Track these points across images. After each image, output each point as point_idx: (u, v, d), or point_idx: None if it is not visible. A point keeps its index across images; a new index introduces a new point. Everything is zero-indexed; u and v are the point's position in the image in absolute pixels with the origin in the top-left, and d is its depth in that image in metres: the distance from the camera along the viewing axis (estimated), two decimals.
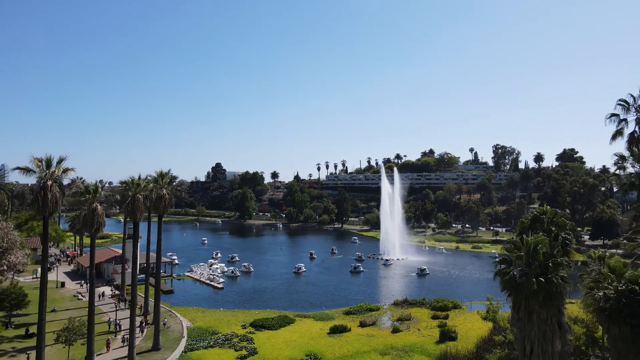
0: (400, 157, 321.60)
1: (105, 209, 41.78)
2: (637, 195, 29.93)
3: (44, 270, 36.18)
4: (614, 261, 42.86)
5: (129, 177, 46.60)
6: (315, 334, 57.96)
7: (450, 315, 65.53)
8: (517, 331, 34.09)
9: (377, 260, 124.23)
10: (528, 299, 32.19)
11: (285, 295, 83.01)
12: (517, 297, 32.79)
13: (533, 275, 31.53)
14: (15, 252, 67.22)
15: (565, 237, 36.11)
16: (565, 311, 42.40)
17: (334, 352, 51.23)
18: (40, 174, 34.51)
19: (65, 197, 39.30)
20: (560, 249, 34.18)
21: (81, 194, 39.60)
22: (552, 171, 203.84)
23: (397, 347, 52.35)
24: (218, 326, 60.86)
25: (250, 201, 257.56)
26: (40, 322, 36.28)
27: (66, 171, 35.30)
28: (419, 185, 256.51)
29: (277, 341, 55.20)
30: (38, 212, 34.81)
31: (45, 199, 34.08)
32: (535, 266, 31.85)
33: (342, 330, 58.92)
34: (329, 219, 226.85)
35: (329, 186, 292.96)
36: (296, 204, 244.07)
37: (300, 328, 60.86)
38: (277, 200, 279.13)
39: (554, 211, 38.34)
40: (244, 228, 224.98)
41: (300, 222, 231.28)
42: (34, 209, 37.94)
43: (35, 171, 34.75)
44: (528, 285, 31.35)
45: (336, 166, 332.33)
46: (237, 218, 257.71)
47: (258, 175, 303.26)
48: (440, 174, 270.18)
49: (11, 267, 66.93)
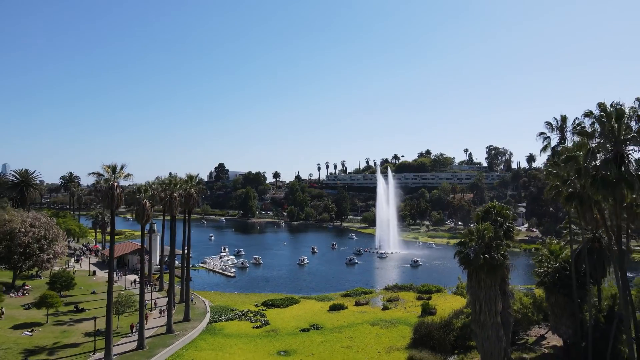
0: (398, 158, 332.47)
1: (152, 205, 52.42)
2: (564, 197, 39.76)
3: (112, 252, 47.01)
4: (554, 246, 53.92)
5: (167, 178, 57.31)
6: (317, 311, 68.90)
7: (432, 297, 76.19)
8: (470, 295, 44.89)
9: (373, 254, 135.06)
10: (477, 271, 42.87)
11: (290, 282, 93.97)
12: (470, 269, 43.49)
13: (480, 253, 42.33)
14: (59, 242, 78.58)
15: (508, 225, 46.80)
16: (519, 288, 53.40)
17: (332, 324, 62.10)
18: (109, 177, 45.27)
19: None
20: (503, 234, 44.97)
21: (134, 193, 50.39)
22: (537, 172, 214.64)
23: (385, 320, 63.20)
24: (234, 305, 71.77)
25: (254, 200, 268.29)
26: (109, 299, 47.00)
27: (127, 176, 46.03)
28: (415, 184, 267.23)
29: (285, 316, 66.13)
30: (107, 206, 45.62)
31: (112, 196, 44.84)
32: (482, 246, 42.62)
33: (340, 308, 69.82)
34: (328, 217, 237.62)
35: (329, 186, 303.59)
36: (297, 202, 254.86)
37: (304, 306, 71.81)
38: (279, 200, 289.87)
39: (501, 206, 49.15)
40: (247, 226, 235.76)
41: (302, 220, 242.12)
42: (104, 203, 48.65)
43: (105, 175, 45.51)
44: (476, 261, 42.07)
45: (336, 166, 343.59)
46: (240, 216, 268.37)
47: (260, 175, 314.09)
48: (436, 174, 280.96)
49: (56, 256, 78.25)
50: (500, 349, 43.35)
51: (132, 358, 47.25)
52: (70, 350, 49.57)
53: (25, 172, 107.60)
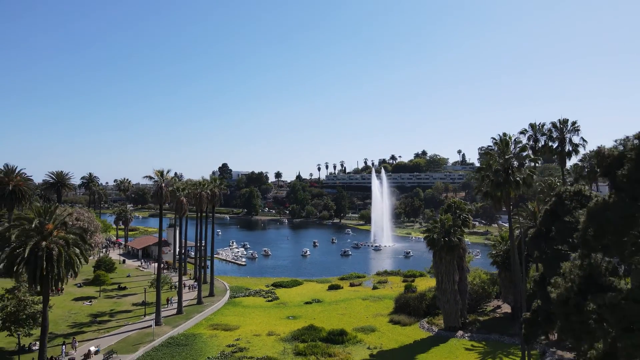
0: (395, 158, 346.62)
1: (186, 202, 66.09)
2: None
3: (160, 240, 60.72)
4: (504, 232, 67.67)
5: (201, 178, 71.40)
6: (318, 290, 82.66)
7: (415, 280, 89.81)
8: (435, 269, 58.70)
9: (368, 247, 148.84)
10: (440, 250, 56.68)
11: (295, 269, 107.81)
12: (434, 249, 57.30)
13: (441, 237, 56.10)
14: (97, 234, 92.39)
15: (465, 216, 60.47)
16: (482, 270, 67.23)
17: (330, 299, 75.81)
18: (159, 180, 58.99)
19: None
20: (461, 223, 58.65)
21: (174, 191, 63.99)
22: None
23: (374, 296, 76.90)
24: (248, 286, 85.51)
25: (257, 199, 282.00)
26: (158, 277, 60.74)
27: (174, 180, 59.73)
28: (411, 184, 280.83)
29: (292, 293, 79.90)
30: (156, 202, 59.28)
31: (161, 195, 58.58)
32: (443, 231, 56.43)
33: (337, 288, 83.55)
34: (328, 214, 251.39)
35: (329, 185, 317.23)
36: (299, 201, 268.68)
37: (307, 287, 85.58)
38: (281, 198, 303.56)
39: (460, 201, 63.03)
40: (251, 223, 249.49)
41: (303, 218, 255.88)
42: (154, 201, 62.28)
43: (155, 178, 59.23)
44: (439, 242, 55.93)
45: (335, 166, 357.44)
46: (244, 214, 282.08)
47: (263, 175, 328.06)
48: (430, 174, 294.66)
49: (96, 245, 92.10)
50: (457, 309, 57.38)
51: (175, 320, 60.92)
52: (124, 314, 63.37)
53: (60, 173, 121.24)
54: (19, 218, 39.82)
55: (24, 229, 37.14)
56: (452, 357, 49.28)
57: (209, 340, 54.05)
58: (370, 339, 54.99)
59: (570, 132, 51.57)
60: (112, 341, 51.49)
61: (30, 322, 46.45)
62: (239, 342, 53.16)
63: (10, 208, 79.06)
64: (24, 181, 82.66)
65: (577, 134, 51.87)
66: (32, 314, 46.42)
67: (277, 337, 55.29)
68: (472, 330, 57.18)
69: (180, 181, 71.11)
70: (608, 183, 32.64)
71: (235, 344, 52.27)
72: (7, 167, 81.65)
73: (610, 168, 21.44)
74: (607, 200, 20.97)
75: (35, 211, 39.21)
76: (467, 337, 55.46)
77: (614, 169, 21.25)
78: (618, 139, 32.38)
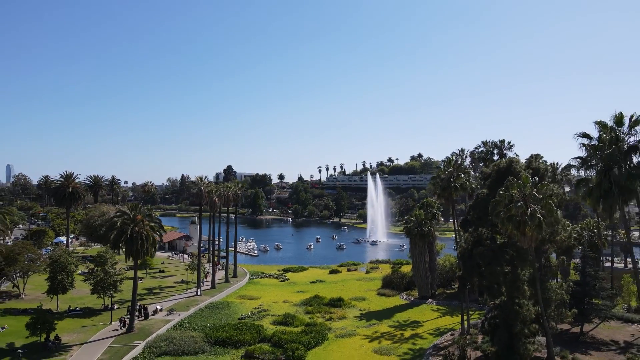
0: (392, 161, 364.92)
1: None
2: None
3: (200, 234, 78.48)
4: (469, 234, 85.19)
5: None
6: (321, 274, 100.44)
7: (402, 267, 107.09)
8: (410, 252, 76.39)
9: (366, 242, 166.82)
10: (414, 237, 74.32)
11: (301, 259, 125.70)
12: (410, 236, 74.93)
13: (415, 227, 73.79)
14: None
15: (434, 212, 78.02)
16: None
17: (331, 280, 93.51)
18: (198, 184, 76.70)
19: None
20: (431, 217, 76.28)
21: (209, 192, 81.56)
22: None
23: (367, 278, 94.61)
24: (263, 271, 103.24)
25: (261, 199, 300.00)
26: (199, 261, 78.38)
27: (210, 184, 77.43)
28: (406, 185, 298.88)
29: (299, 276, 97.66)
30: (197, 203, 76.96)
31: (201, 195, 76.36)
32: (417, 223, 74.13)
33: (336, 272, 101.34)
34: (328, 214, 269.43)
35: (329, 186, 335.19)
36: (301, 201, 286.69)
37: (311, 272, 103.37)
38: (284, 199, 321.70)
39: (431, 200, 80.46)
40: (256, 222, 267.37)
41: (305, 217, 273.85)
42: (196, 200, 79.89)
43: (196, 182, 76.97)
44: (413, 231, 73.64)
45: (335, 169, 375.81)
46: (249, 214, 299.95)
47: (266, 177, 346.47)
48: (424, 175, 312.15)
49: None
50: (428, 283, 75.12)
51: (211, 292, 78.51)
52: (170, 289, 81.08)
53: (96, 177, 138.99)
54: (120, 211, 57.43)
55: (124, 219, 54.77)
56: (421, 314, 66.95)
57: (239, 305, 71.73)
58: (361, 304, 72.60)
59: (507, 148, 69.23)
60: (169, 304, 69.13)
61: (112, 288, 64.01)
62: (262, 306, 70.77)
63: (69, 206, 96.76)
64: (78, 184, 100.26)
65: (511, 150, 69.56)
66: (113, 282, 63.96)
67: (291, 303, 72.90)
68: (440, 299, 74.76)
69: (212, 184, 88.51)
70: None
71: (259, 307, 69.89)
72: (66, 173, 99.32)
73: (486, 179, 39.04)
74: (482, 196, 38.33)
75: (129, 207, 56.80)
76: (435, 303, 73.05)
77: (488, 179, 38.86)
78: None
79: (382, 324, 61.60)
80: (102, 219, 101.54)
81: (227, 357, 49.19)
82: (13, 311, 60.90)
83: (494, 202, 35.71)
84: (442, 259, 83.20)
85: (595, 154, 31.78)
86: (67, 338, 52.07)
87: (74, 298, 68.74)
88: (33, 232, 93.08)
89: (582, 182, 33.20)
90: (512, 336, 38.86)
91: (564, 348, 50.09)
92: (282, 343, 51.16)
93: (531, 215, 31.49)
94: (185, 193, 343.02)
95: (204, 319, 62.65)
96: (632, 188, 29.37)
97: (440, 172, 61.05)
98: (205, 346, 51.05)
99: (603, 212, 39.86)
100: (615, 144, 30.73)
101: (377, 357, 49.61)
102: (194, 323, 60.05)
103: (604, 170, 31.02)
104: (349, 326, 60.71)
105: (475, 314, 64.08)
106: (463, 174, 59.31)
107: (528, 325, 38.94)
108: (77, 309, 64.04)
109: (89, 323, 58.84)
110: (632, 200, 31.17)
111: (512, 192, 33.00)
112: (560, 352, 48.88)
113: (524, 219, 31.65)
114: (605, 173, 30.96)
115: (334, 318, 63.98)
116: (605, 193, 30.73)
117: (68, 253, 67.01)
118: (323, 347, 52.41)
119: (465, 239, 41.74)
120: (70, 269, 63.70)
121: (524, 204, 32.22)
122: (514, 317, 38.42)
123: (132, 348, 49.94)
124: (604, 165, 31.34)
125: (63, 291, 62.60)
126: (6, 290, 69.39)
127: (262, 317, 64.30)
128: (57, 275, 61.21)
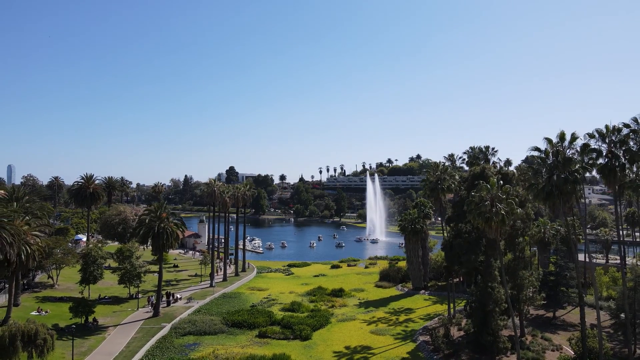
0: (391, 162, 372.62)
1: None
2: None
3: (215, 232, 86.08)
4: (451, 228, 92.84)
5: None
6: (323, 268, 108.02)
7: (399, 262, 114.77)
8: (405, 247, 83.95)
9: (365, 241, 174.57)
10: (408, 234, 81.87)
11: (304, 255, 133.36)
12: (405, 233, 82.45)
13: (409, 225, 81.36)
14: None
15: (427, 211, 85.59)
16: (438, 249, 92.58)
17: (332, 274, 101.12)
18: (212, 185, 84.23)
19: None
20: (423, 215, 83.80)
21: (221, 192, 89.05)
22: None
23: (365, 272, 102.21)
24: (269, 266, 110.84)
25: (264, 199, 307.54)
26: (212, 256, 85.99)
27: (222, 186, 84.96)
28: (405, 186, 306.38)
29: (303, 270, 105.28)
30: (210, 203, 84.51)
31: (214, 197, 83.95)
32: (411, 221, 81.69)
33: (337, 267, 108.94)
34: (329, 214, 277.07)
35: (329, 187, 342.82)
36: (302, 202, 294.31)
37: (314, 266, 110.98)
38: (285, 199, 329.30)
39: (423, 200, 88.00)
40: (259, 221, 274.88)
41: (306, 217, 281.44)
42: (208, 201, 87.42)
43: (209, 184, 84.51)
44: (407, 228, 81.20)
45: (335, 169, 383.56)
46: (252, 214, 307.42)
47: (268, 177, 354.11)
48: (422, 176, 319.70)
49: None
50: (421, 275, 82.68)
51: (223, 284, 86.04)
52: (185, 281, 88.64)
53: (110, 178, 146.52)
54: (147, 209, 64.99)
55: (151, 217, 62.34)
56: (414, 303, 74.58)
57: (250, 295, 79.31)
58: (360, 294, 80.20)
59: (491, 154, 76.74)
60: (187, 294, 76.70)
61: (137, 279, 71.47)
62: (271, 296, 78.32)
63: (89, 206, 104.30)
64: (98, 186, 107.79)
65: (494, 155, 77.22)
66: (138, 274, 71.43)
67: (296, 293, 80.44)
68: (432, 290, 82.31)
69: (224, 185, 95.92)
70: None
71: (268, 297, 77.46)
72: (86, 175, 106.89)
73: (465, 182, 46.62)
74: (462, 196, 45.82)
75: (154, 206, 64.36)
76: (427, 293, 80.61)
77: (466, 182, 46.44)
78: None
79: (378, 311, 69.34)
80: (119, 217, 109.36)
81: (243, 336, 56.85)
82: (50, 298, 68.42)
83: (468, 202, 43.22)
84: (435, 254, 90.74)
85: (542, 163, 39.42)
86: (102, 321, 59.63)
87: (102, 288, 76.23)
88: (57, 229, 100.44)
89: (532, 186, 40.71)
90: (486, 314, 46.44)
91: (536, 328, 57.96)
92: (290, 325, 58.85)
93: (496, 212, 38.99)
94: (188, 193, 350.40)
95: (220, 306, 70.33)
96: (567, 191, 36.92)
97: (429, 175, 68.88)
98: (224, 327, 58.78)
99: (549, 210, 47.54)
100: (556, 156, 38.39)
101: (374, 337, 57.38)
102: (211, 309, 67.81)
103: (548, 177, 38.56)
104: (349, 312, 68.41)
105: (462, 303, 71.63)
106: (449, 177, 67.03)
107: (499, 304, 46.49)
108: (107, 297, 71.60)
109: (119, 309, 66.47)
110: (570, 201, 38.72)
111: (482, 194, 40.51)
112: (532, 331, 56.72)
113: (490, 215, 39.12)
114: (549, 179, 38.48)
115: (335, 306, 71.57)
116: (547, 195, 38.23)
117: (99, 247, 74.53)
118: (327, 329, 60.14)
119: (448, 232, 49.60)
120: (100, 262, 71.24)
121: (491, 202, 39.72)
122: (487, 298, 46.00)
123: (160, 329, 57.58)
124: (547, 173, 38.90)
125: (94, 281, 70.16)
126: (41, 281, 76.90)
127: (271, 305, 71.90)
128: (89, 267, 68.77)
